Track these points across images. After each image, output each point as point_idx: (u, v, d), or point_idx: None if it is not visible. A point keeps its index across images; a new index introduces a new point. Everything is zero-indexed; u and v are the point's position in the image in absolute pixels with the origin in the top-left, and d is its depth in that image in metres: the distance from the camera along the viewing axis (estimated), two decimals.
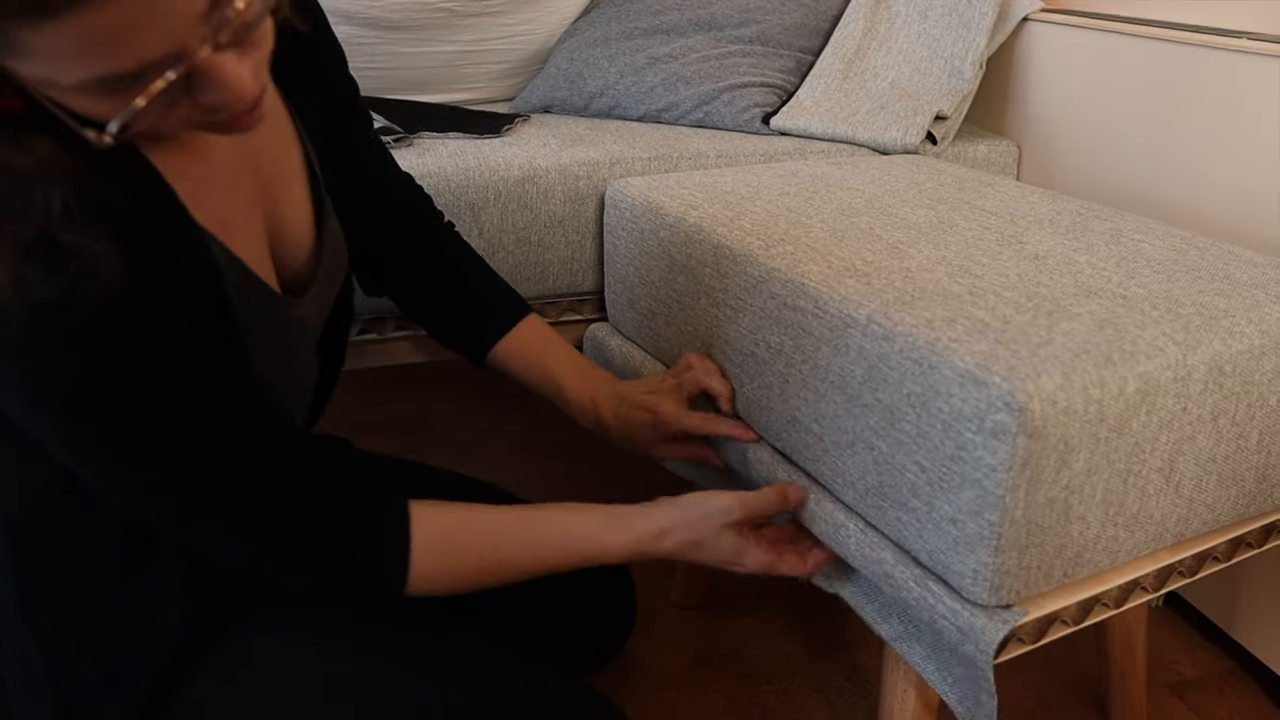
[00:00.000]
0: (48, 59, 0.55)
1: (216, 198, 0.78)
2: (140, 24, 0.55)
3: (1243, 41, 1.25)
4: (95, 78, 0.57)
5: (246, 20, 0.61)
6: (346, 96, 1.00)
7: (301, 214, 0.90)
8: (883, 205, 1.15)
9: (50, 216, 0.63)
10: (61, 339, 0.66)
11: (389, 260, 1.12)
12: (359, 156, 1.03)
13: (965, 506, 0.78)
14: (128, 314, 0.68)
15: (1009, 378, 0.75)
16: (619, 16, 1.75)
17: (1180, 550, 0.91)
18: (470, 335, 1.12)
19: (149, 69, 0.58)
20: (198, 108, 0.64)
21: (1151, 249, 1.03)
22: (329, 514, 0.80)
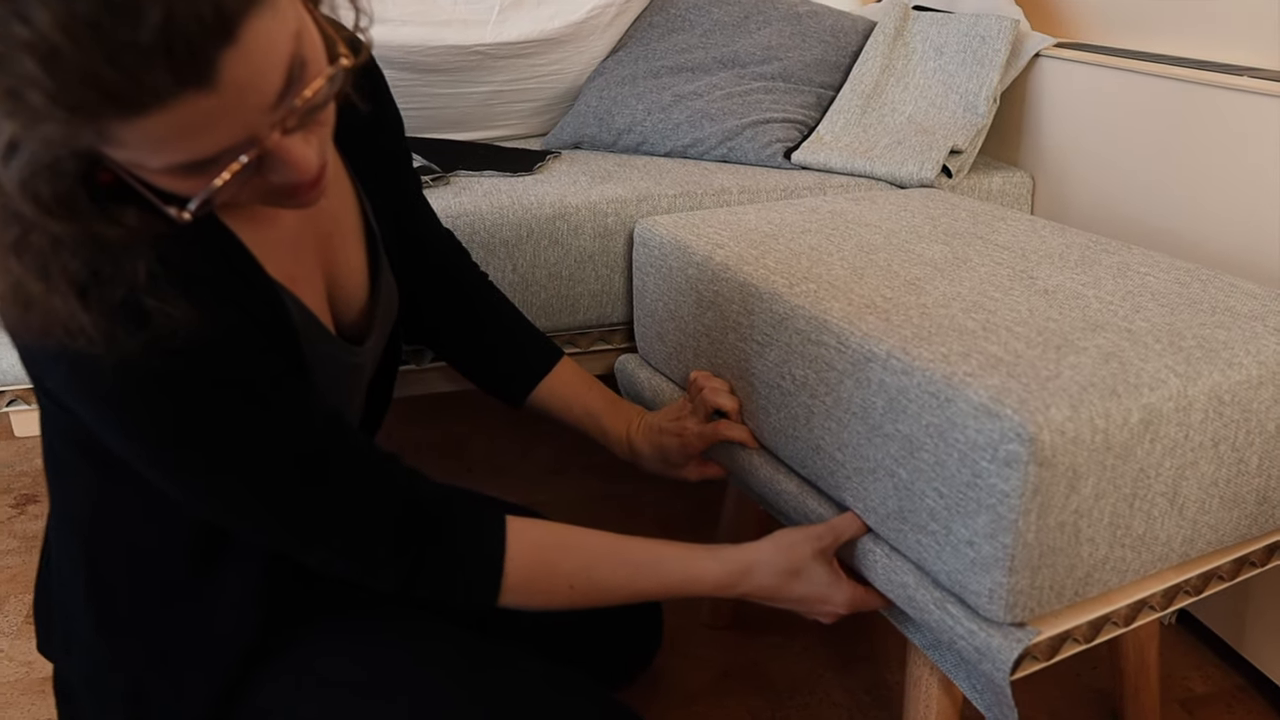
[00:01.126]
0: (136, 148, 0.61)
1: (283, 255, 0.85)
2: (217, 117, 0.61)
3: (1244, 80, 1.31)
4: (177, 163, 0.63)
5: (312, 105, 0.67)
6: (402, 159, 1.07)
7: (357, 268, 0.97)
8: (900, 242, 1.21)
9: (136, 282, 0.69)
10: (152, 385, 0.73)
11: (432, 310, 1.19)
12: (410, 214, 1.10)
13: (981, 530, 0.84)
14: (209, 358, 0.75)
15: (1020, 410, 0.80)
16: (646, 55, 1.82)
17: (1186, 570, 0.96)
18: (510, 379, 1.19)
19: (224, 155, 0.64)
20: (267, 185, 0.70)
21: (1156, 282, 1.08)
22: (428, 525, 0.87)
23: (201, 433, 0.76)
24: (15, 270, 0.65)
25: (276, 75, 0.63)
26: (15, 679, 1.43)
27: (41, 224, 0.63)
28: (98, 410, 0.76)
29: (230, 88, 0.59)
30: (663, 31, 1.84)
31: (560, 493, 1.86)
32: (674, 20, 1.85)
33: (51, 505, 0.95)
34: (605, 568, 0.93)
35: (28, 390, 1.44)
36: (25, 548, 1.75)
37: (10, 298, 0.67)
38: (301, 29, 0.65)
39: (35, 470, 1.99)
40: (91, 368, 0.71)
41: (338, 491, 0.83)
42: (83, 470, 0.87)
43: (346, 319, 0.95)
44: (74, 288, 0.67)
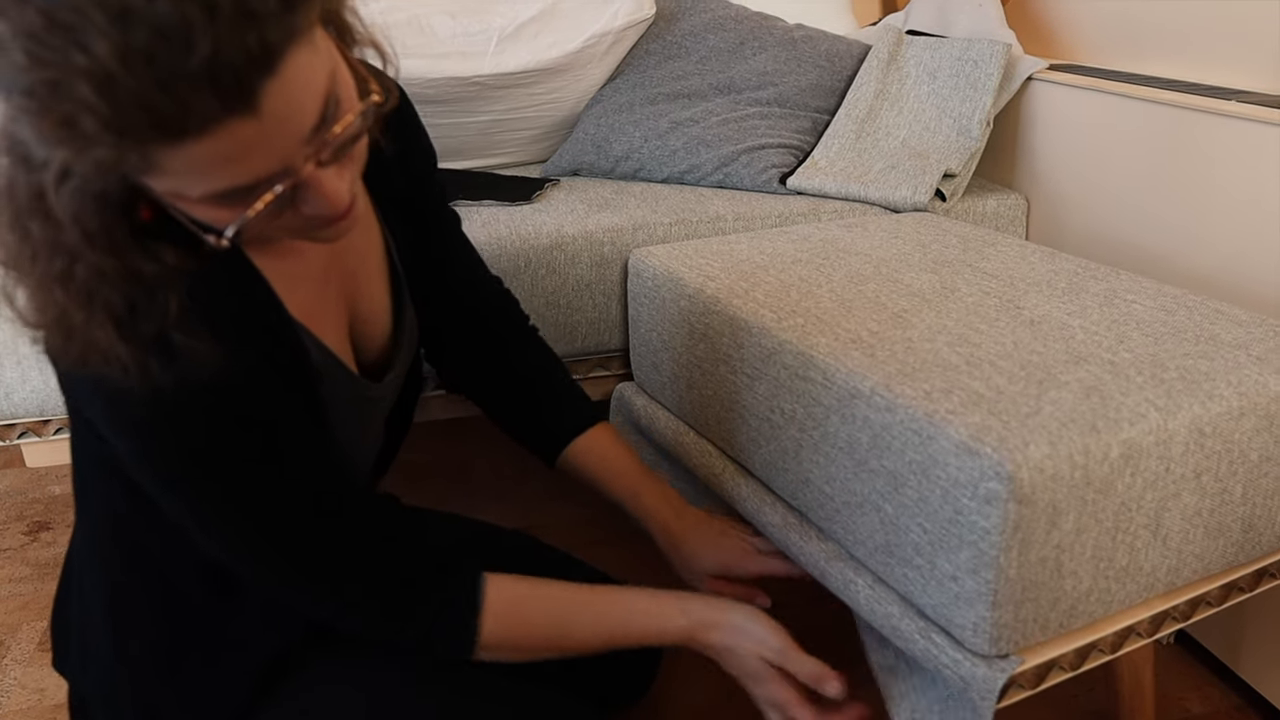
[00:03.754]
0: (179, 175, 0.64)
1: (306, 291, 0.88)
2: (257, 144, 0.64)
3: (1234, 105, 1.32)
4: (216, 191, 0.66)
5: (344, 140, 0.70)
6: (434, 199, 1.09)
7: (380, 304, 0.99)
8: (889, 271, 1.22)
9: (168, 317, 0.73)
10: (179, 419, 0.76)
11: (474, 356, 1.18)
12: (446, 255, 1.11)
13: (964, 565, 0.85)
14: (231, 396, 0.78)
15: (999, 448, 0.82)
16: (642, 83, 1.84)
17: (1172, 598, 0.97)
18: (543, 435, 1.17)
19: (261, 184, 0.67)
20: (299, 217, 0.73)
21: (1142, 310, 1.09)
22: (408, 581, 0.89)
23: (218, 467, 0.79)
24: (60, 300, 0.69)
25: (313, 107, 0.66)
26: (28, 706, 1.45)
27: (87, 256, 0.67)
28: (129, 441, 0.79)
29: (270, 116, 0.62)
30: (659, 59, 1.86)
31: (558, 516, 1.88)
32: (670, 47, 1.87)
33: (77, 524, 0.99)
34: (577, 625, 0.95)
35: (39, 423, 1.46)
36: (38, 575, 1.77)
37: (54, 327, 0.70)
38: (335, 67, 0.68)
39: (47, 498, 2.02)
40: (125, 400, 0.74)
41: (337, 538, 0.86)
42: (108, 493, 0.91)
43: (368, 354, 0.97)
44: (112, 320, 0.70)
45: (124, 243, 0.69)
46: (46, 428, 1.47)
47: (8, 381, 1.39)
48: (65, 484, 2.06)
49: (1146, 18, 1.66)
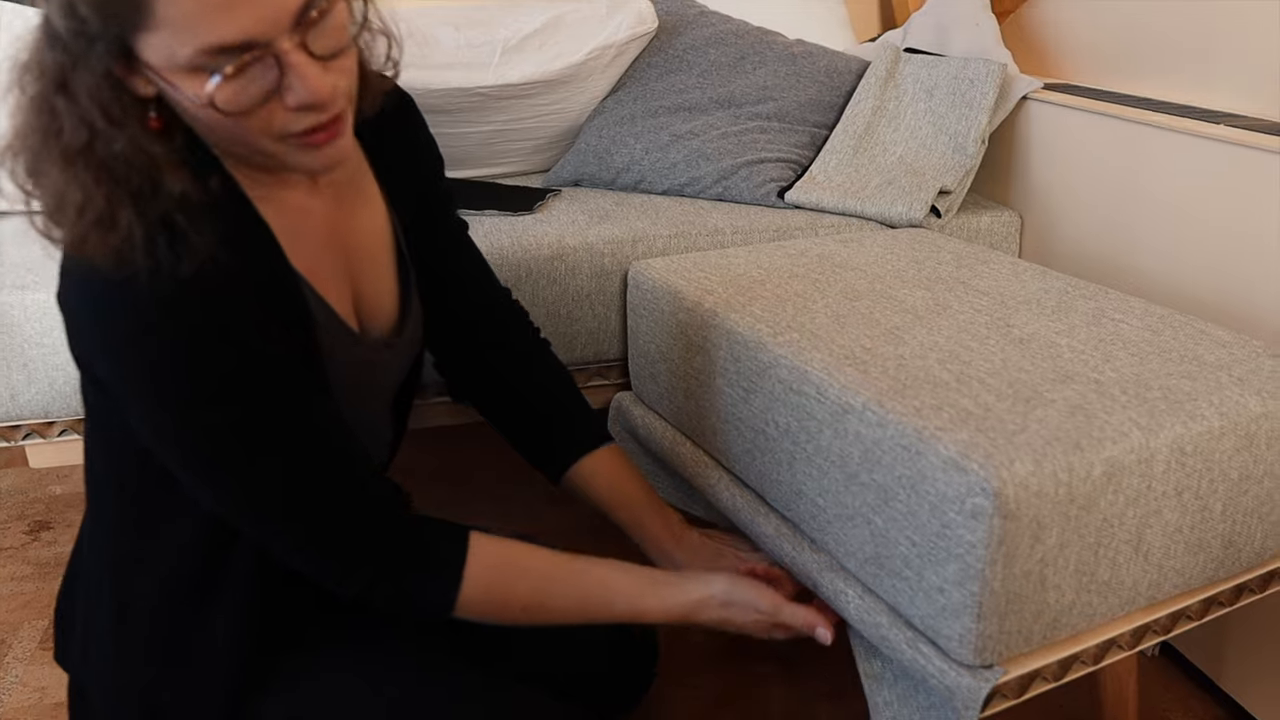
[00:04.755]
0: (171, 28, 0.71)
1: (308, 250, 0.91)
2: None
3: (1222, 129, 1.35)
4: (206, 46, 0.72)
5: (326, 27, 0.76)
6: (442, 196, 1.12)
7: (388, 290, 1.02)
8: (883, 287, 1.25)
9: (174, 200, 0.79)
10: (178, 331, 0.79)
11: (482, 366, 1.19)
12: (454, 258, 1.14)
13: (950, 578, 0.88)
14: (229, 313, 0.81)
15: (986, 465, 0.84)
16: (644, 95, 1.86)
17: (1153, 611, 1.00)
18: (555, 449, 1.17)
19: (246, 47, 0.73)
20: (286, 113, 0.78)
21: (1129, 329, 1.12)
22: (396, 533, 0.91)
23: (213, 393, 0.82)
24: (80, 176, 0.76)
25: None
26: (29, 704, 1.48)
27: (104, 133, 0.75)
28: (131, 369, 0.82)
29: None
30: (661, 72, 1.89)
31: (558, 522, 1.90)
32: (672, 61, 1.89)
33: (86, 516, 1.01)
34: (557, 592, 0.97)
35: (44, 424, 1.48)
36: (39, 574, 1.79)
37: (72, 206, 0.77)
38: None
39: (48, 498, 2.04)
40: (125, 313, 0.79)
41: (327, 481, 0.88)
42: (119, 481, 0.94)
43: (371, 333, 1.00)
44: (129, 196, 0.77)
45: (138, 125, 0.77)
46: (51, 429, 1.49)
47: (14, 384, 1.42)
48: (66, 484, 2.08)
49: (1141, 39, 1.69)
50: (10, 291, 1.39)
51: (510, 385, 1.20)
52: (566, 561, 0.99)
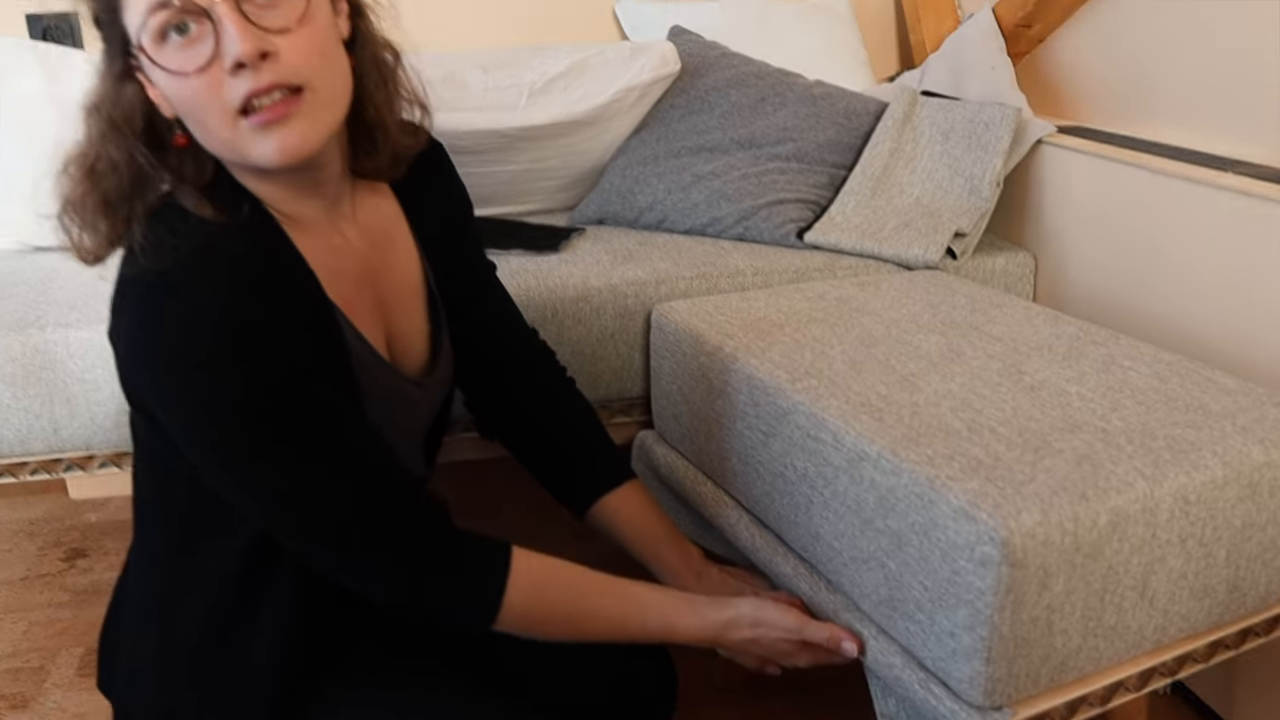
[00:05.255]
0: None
1: (345, 289, 0.96)
2: None
3: (1229, 177, 1.38)
4: (151, 2, 0.80)
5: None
6: (471, 240, 1.17)
7: (419, 329, 1.06)
8: (899, 333, 1.29)
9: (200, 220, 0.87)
10: (233, 352, 0.84)
11: (510, 404, 1.23)
12: (484, 301, 1.19)
13: (961, 623, 0.91)
14: (268, 337, 0.85)
15: (994, 514, 0.88)
16: (667, 136, 1.91)
17: (1160, 655, 1.03)
18: (580, 486, 1.21)
19: (187, 9, 0.81)
20: (227, 77, 0.83)
21: (1138, 377, 1.15)
22: (442, 540, 0.94)
23: (259, 409, 0.85)
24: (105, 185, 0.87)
25: None
26: None
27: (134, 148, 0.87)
28: (178, 391, 0.86)
29: None
30: (683, 113, 1.93)
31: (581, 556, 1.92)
32: (694, 102, 1.94)
33: (133, 547, 1.06)
34: (593, 602, 1.01)
35: (85, 458, 1.54)
36: (75, 601, 1.85)
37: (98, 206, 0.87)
38: None
39: (84, 525, 2.09)
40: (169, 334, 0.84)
41: (372, 490, 0.91)
42: (165, 515, 0.98)
43: (403, 370, 1.04)
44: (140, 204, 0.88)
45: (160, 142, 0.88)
46: (91, 462, 1.55)
47: (57, 418, 1.47)
48: (102, 512, 2.14)
49: (1154, 82, 1.72)
50: (54, 329, 1.45)
51: (537, 423, 1.23)
52: (603, 577, 1.02)
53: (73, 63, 1.75)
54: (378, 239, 1.03)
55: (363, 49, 0.94)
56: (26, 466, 1.51)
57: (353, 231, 1.00)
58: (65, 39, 1.94)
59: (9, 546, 2.01)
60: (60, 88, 1.73)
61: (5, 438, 1.46)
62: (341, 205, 0.98)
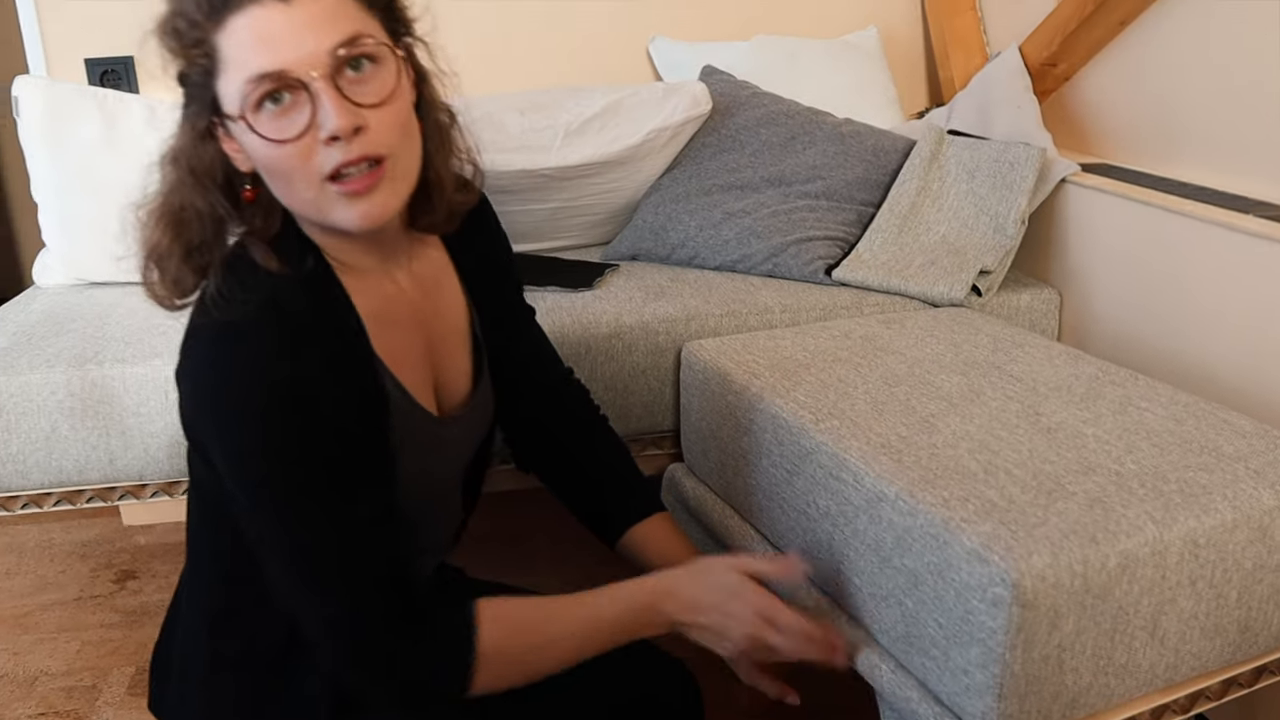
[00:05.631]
0: (232, 67, 0.86)
1: (392, 335, 1.01)
2: (285, 35, 0.85)
3: (1250, 220, 1.41)
4: (250, 75, 0.85)
5: (362, 75, 0.88)
6: (511, 288, 1.23)
7: (463, 370, 1.12)
8: (921, 372, 1.33)
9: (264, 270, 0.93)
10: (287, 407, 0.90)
11: (547, 441, 1.28)
12: (524, 343, 1.24)
13: (974, 660, 0.95)
14: (323, 391, 0.91)
15: (1006, 557, 0.92)
16: (698, 174, 1.96)
17: (1171, 692, 1.06)
18: (611, 517, 1.24)
19: (282, 76, 0.86)
20: (319, 146, 0.88)
21: (1154, 419, 1.18)
22: (412, 619, 0.96)
23: (288, 457, 0.91)
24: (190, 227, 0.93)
25: (337, 33, 0.86)
26: None
27: (215, 200, 0.93)
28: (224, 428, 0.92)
29: (299, 9, 0.85)
30: (714, 151, 1.98)
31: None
32: (725, 140, 1.99)
33: (186, 577, 1.12)
34: (563, 620, 1.02)
35: (138, 487, 1.60)
36: (126, 622, 1.91)
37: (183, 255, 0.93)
38: (372, 35, 0.89)
39: (134, 548, 2.17)
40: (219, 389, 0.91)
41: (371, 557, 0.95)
42: (217, 553, 1.04)
43: (445, 410, 1.10)
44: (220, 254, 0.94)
45: (231, 193, 0.94)
46: (144, 491, 1.61)
47: (113, 449, 1.54)
48: (150, 535, 2.21)
49: (1179, 122, 1.75)
50: (112, 365, 1.52)
51: (571, 457, 1.28)
52: (563, 599, 1.03)
53: (129, 108, 1.83)
54: (428, 286, 1.09)
55: (426, 113, 1.00)
56: (84, 494, 1.58)
57: (405, 279, 1.06)
58: (122, 83, 2.03)
59: (63, 568, 2.09)
60: (117, 132, 1.81)
61: (64, 467, 1.53)
62: (398, 255, 1.04)
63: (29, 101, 1.81)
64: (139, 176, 0.97)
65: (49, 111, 1.81)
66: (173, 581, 1.15)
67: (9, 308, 1.77)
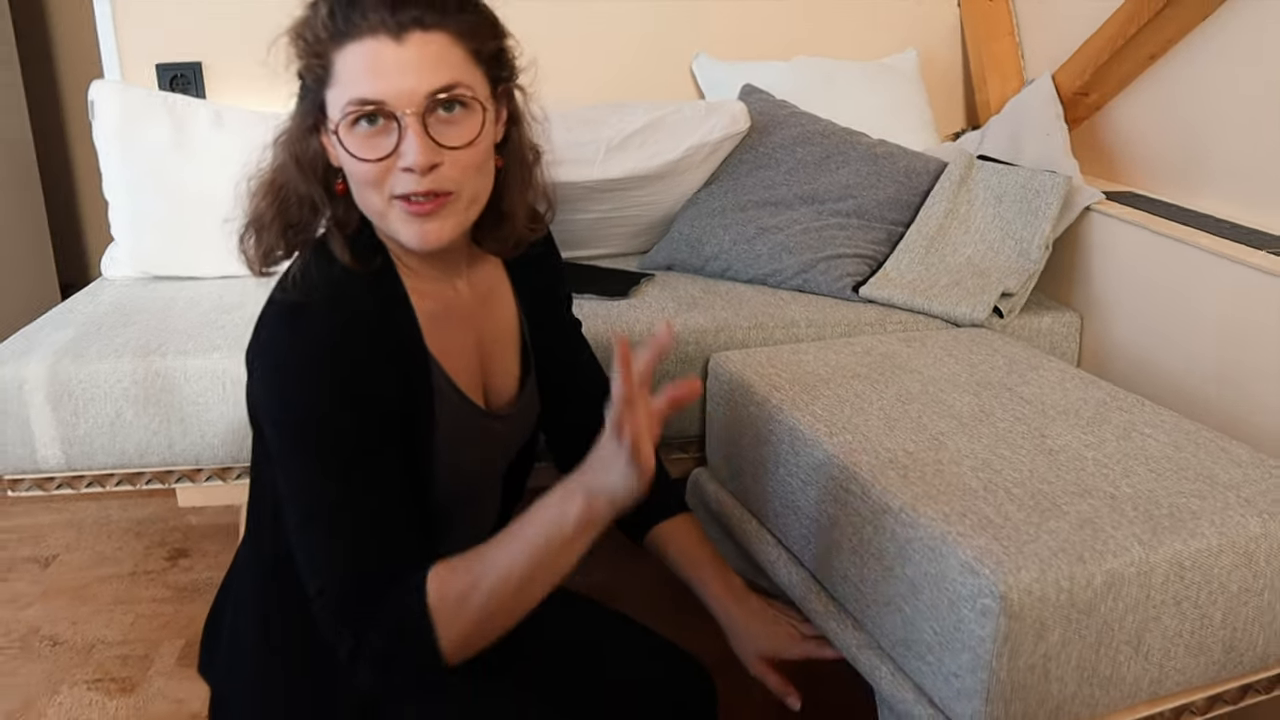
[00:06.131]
0: (340, 84, 0.96)
1: (446, 335, 1.10)
2: (392, 69, 0.95)
3: (1259, 255, 1.46)
4: (352, 98, 0.95)
5: (451, 118, 0.97)
6: (564, 302, 1.32)
7: (510, 372, 1.21)
8: (935, 391, 1.39)
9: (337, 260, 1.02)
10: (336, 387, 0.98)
11: (580, 436, 1.34)
12: (568, 348, 1.33)
13: (964, 665, 1.01)
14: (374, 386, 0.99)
15: (996, 571, 0.98)
16: (734, 189, 2.04)
17: (1156, 705, 1.11)
18: (639, 515, 1.30)
19: (379, 104, 0.95)
20: (397, 171, 0.97)
21: (1155, 445, 1.24)
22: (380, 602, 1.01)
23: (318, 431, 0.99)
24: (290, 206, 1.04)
25: (435, 79, 0.96)
26: (169, 713, 1.69)
27: (313, 187, 1.03)
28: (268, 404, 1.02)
29: (409, 51, 0.95)
30: (751, 168, 2.06)
31: (637, 570, 2.05)
32: (762, 158, 2.06)
33: (242, 554, 1.21)
34: (503, 551, 1.02)
35: (194, 470, 1.70)
36: (177, 597, 2.02)
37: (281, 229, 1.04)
38: (474, 87, 0.99)
39: (186, 527, 2.28)
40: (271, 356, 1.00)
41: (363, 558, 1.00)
42: (274, 536, 1.11)
43: (492, 409, 1.18)
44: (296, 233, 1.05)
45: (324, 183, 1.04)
46: (199, 475, 1.71)
47: (172, 435, 1.64)
48: (202, 517, 2.32)
49: (1206, 154, 1.80)
50: (174, 357, 1.62)
51: None
52: (492, 540, 1.03)
53: (197, 113, 1.93)
54: (484, 293, 1.18)
55: (511, 152, 1.09)
56: (143, 476, 1.68)
57: (464, 286, 1.15)
58: (190, 88, 2.14)
59: (119, 544, 2.20)
60: (185, 135, 1.92)
61: (127, 450, 1.63)
62: (460, 265, 1.13)
63: (104, 105, 1.92)
64: (205, 177, 1.08)
65: (122, 114, 1.92)
66: (222, 561, 1.25)
67: (79, 298, 1.88)
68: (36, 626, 1.91)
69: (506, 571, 1.01)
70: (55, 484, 1.67)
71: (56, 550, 2.18)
